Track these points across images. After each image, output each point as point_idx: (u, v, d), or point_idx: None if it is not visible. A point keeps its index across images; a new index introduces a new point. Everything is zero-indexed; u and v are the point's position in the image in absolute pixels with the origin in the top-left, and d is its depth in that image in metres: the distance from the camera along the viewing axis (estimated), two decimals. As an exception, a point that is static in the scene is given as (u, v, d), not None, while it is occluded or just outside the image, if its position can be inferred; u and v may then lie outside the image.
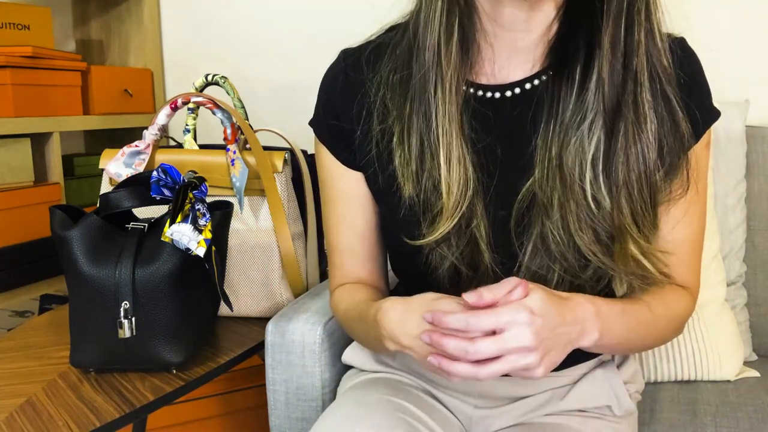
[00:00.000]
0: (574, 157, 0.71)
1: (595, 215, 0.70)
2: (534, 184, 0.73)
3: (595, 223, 0.71)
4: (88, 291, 0.89)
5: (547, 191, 0.72)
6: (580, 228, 0.71)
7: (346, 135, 0.82)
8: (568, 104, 0.72)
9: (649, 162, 0.71)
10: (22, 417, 0.81)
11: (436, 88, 0.73)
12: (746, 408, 0.99)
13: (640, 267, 0.73)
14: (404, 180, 0.75)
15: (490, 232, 0.75)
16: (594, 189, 0.70)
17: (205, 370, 0.94)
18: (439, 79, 0.72)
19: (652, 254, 0.74)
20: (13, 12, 1.44)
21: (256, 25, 1.74)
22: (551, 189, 0.72)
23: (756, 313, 1.21)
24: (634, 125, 0.70)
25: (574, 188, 0.71)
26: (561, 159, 0.72)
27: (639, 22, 0.69)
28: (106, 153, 1.16)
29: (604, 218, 0.71)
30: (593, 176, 0.70)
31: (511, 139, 0.76)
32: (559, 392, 0.83)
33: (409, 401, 0.78)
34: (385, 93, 0.78)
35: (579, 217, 0.71)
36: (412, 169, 0.75)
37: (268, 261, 1.13)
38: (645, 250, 0.73)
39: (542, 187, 0.73)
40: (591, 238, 0.71)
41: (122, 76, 1.70)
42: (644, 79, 0.70)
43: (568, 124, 0.72)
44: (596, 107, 0.70)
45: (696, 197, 0.78)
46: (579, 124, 0.71)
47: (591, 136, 0.70)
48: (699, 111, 0.75)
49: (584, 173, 0.70)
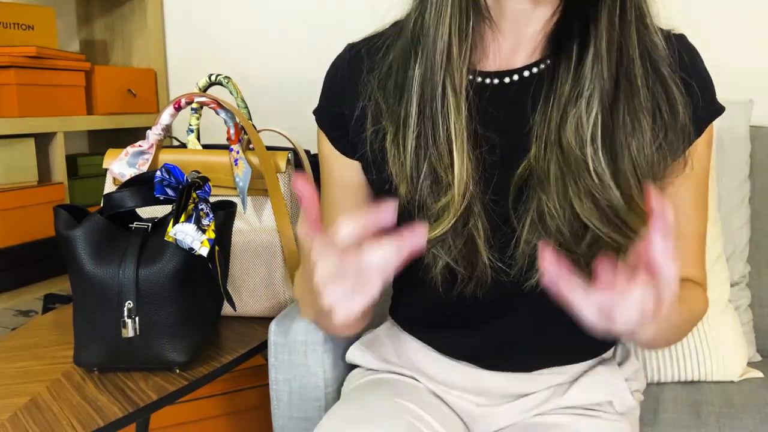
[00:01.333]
0: (573, 132, 0.72)
1: (597, 186, 0.71)
2: (531, 160, 0.74)
3: (596, 193, 0.71)
4: (91, 290, 0.89)
5: (544, 165, 0.73)
6: (579, 198, 0.71)
7: (346, 123, 0.82)
8: (566, 81, 0.73)
9: (646, 136, 0.72)
10: (27, 416, 0.81)
11: (445, 89, 0.73)
12: (750, 409, 0.99)
13: (639, 237, 0.73)
14: (399, 180, 0.75)
15: (488, 227, 0.75)
16: (595, 162, 0.71)
17: (209, 370, 0.94)
18: (448, 79, 0.72)
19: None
20: (17, 12, 1.44)
21: (259, 25, 1.74)
22: (548, 162, 0.73)
23: (760, 313, 1.20)
24: (631, 100, 0.72)
25: (573, 159, 0.72)
26: (560, 134, 0.73)
27: (630, 3, 0.71)
28: (110, 153, 1.17)
29: (605, 190, 0.71)
30: (593, 150, 0.71)
31: (510, 123, 0.76)
32: (560, 389, 0.83)
33: (412, 402, 0.78)
34: (380, 95, 0.78)
35: (578, 187, 0.71)
36: (406, 170, 0.75)
37: (271, 261, 1.13)
38: (646, 221, 0.73)
39: (538, 161, 0.73)
40: (590, 206, 0.71)
41: (126, 76, 1.70)
42: (636, 57, 0.72)
43: (566, 99, 0.73)
44: (593, 83, 0.71)
45: (698, 191, 0.78)
46: (577, 100, 0.72)
47: (589, 111, 0.72)
48: (699, 101, 0.76)
49: (585, 147, 0.71)
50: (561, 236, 0.72)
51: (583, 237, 0.73)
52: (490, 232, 0.75)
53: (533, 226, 0.73)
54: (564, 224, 0.72)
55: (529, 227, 0.74)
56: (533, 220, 0.73)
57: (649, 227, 0.55)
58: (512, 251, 0.75)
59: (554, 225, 0.72)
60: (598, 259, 0.70)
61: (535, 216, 0.73)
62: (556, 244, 0.73)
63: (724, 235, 1.16)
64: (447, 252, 0.74)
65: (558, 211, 0.72)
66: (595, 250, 0.73)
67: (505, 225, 0.75)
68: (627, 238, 0.72)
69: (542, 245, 0.59)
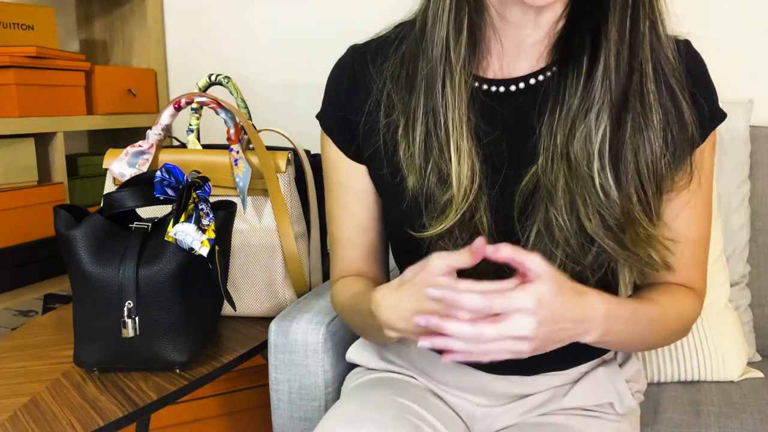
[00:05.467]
0: (581, 147, 0.72)
1: (603, 202, 0.71)
2: (538, 171, 0.74)
3: (603, 210, 0.71)
4: (91, 290, 0.89)
5: (551, 177, 0.73)
6: (587, 213, 0.71)
7: (352, 127, 0.83)
8: (575, 95, 0.73)
9: (655, 151, 0.72)
10: (26, 416, 0.81)
11: (444, 84, 0.73)
12: (750, 408, 0.99)
13: (645, 253, 0.73)
14: (408, 171, 0.76)
15: (492, 223, 0.75)
16: (602, 178, 0.71)
17: (209, 370, 0.94)
18: (447, 74, 0.73)
19: (658, 242, 0.74)
20: (17, 12, 1.44)
21: (259, 25, 1.74)
22: (556, 174, 0.73)
23: (760, 313, 1.20)
24: (640, 115, 0.71)
25: (581, 175, 0.71)
26: (567, 147, 0.72)
27: (644, 15, 0.70)
28: (110, 153, 1.17)
29: (612, 206, 0.71)
30: (600, 166, 0.71)
31: (516, 132, 0.77)
32: (561, 390, 0.83)
33: (412, 401, 0.78)
34: (391, 86, 0.79)
35: (586, 202, 0.71)
36: (415, 162, 0.75)
37: (271, 261, 1.13)
38: (651, 236, 0.73)
39: (546, 173, 0.73)
40: (598, 223, 0.71)
41: (126, 76, 1.70)
42: (649, 70, 0.71)
43: (575, 113, 0.72)
44: (603, 98, 0.71)
45: (700, 195, 0.78)
46: (586, 114, 0.72)
47: (598, 126, 0.71)
48: (705, 111, 0.75)
49: (592, 162, 0.71)
50: (568, 248, 0.73)
51: (589, 249, 0.73)
52: (495, 228, 0.75)
53: (539, 236, 0.73)
54: (571, 236, 0.72)
55: (535, 237, 0.74)
56: (540, 230, 0.73)
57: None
58: None
59: (562, 237, 0.72)
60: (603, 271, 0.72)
61: (542, 226, 0.73)
62: (563, 256, 0.73)
63: (724, 235, 1.16)
64: (453, 244, 0.74)
65: (566, 223, 0.72)
66: (601, 262, 0.74)
67: (510, 232, 0.75)
68: (632, 253, 0.72)
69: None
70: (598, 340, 0.69)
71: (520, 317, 0.61)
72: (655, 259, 0.74)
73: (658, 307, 0.76)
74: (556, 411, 0.82)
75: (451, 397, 0.85)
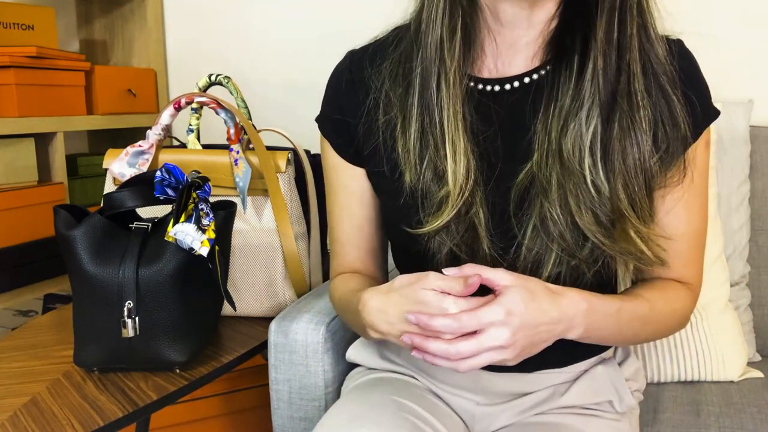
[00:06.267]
0: (573, 144, 0.73)
1: (594, 199, 0.73)
2: (533, 167, 0.75)
3: (595, 206, 0.73)
4: (91, 290, 0.89)
5: (546, 173, 0.74)
6: (579, 209, 0.73)
7: (350, 129, 0.84)
8: (567, 92, 0.74)
9: (644, 149, 0.73)
10: (26, 416, 0.81)
11: (439, 84, 0.75)
12: (750, 408, 0.99)
13: (637, 249, 0.74)
14: (405, 168, 0.78)
15: (489, 217, 0.76)
16: (593, 174, 0.73)
17: (209, 370, 0.94)
18: (442, 73, 0.74)
19: (649, 238, 0.75)
20: (17, 12, 1.44)
21: (259, 25, 1.74)
22: (550, 170, 0.74)
23: (760, 313, 1.20)
24: (628, 115, 0.72)
25: (573, 171, 0.73)
26: (560, 144, 0.74)
27: (632, 17, 0.71)
28: (110, 153, 1.17)
29: (603, 203, 0.73)
30: (592, 162, 0.73)
31: (511, 129, 0.78)
32: (560, 389, 0.83)
33: (412, 400, 0.79)
34: (389, 85, 0.80)
35: (579, 199, 0.73)
36: (411, 159, 0.77)
37: (271, 261, 1.13)
38: (642, 233, 0.74)
39: (541, 168, 0.75)
40: (590, 219, 0.73)
41: (126, 76, 1.70)
42: (637, 71, 0.72)
43: (567, 111, 0.74)
44: (593, 97, 0.72)
45: (694, 192, 0.79)
46: (577, 112, 0.73)
47: (588, 124, 0.73)
48: (697, 109, 0.76)
49: (583, 159, 0.73)
50: (564, 242, 0.74)
51: (584, 244, 0.74)
52: (491, 223, 0.76)
53: (535, 231, 0.75)
54: (566, 231, 0.73)
55: (531, 232, 0.75)
56: (535, 225, 0.75)
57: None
58: (514, 255, 0.76)
59: (557, 232, 0.73)
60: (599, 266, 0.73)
61: (538, 221, 0.74)
62: (559, 250, 0.74)
63: (724, 235, 1.16)
64: (451, 238, 0.76)
65: (560, 218, 0.73)
66: (596, 257, 0.74)
67: (507, 227, 0.76)
68: (624, 248, 0.74)
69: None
70: (583, 335, 0.72)
71: (494, 330, 0.65)
72: (647, 254, 0.75)
73: (646, 303, 0.77)
74: (556, 409, 0.83)
75: (450, 397, 0.85)
